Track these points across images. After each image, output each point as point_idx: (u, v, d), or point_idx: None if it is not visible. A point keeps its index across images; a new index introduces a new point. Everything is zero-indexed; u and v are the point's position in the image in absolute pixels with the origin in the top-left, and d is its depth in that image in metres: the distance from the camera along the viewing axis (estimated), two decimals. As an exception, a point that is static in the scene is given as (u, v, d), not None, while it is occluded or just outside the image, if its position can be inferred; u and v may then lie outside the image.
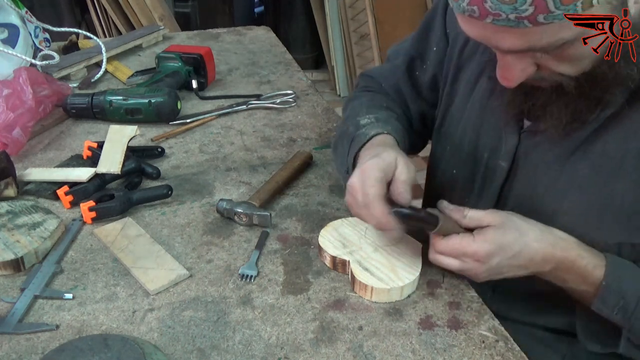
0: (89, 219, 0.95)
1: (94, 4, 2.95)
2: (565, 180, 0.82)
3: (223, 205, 0.97)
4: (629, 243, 0.79)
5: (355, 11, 3.24)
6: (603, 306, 0.78)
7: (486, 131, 0.90)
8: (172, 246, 0.92)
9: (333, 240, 0.89)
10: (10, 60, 1.31)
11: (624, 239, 0.79)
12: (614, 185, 0.78)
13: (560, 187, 0.82)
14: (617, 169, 0.77)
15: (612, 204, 0.78)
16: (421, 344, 0.76)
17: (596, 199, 0.79)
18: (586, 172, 0.80)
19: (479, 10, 0.64)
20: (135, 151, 1.11)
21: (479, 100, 0.91)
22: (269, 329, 0.77)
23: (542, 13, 0.61)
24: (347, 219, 0.94)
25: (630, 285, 0.77)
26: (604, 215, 0.79)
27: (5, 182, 0.99)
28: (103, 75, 1.47)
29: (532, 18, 0.62)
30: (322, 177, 1.10)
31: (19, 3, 1.42)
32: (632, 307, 0.76)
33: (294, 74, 1.55)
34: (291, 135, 1.25)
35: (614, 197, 0.78)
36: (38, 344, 0.74)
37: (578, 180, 0.81)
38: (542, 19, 0.62)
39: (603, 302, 0.77)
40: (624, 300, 0.76)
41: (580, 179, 0.80)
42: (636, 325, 0.77)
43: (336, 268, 0.87)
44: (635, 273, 0.78)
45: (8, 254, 0.85)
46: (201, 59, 1.41)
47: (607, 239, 0.80)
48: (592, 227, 0.80)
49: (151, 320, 0.78)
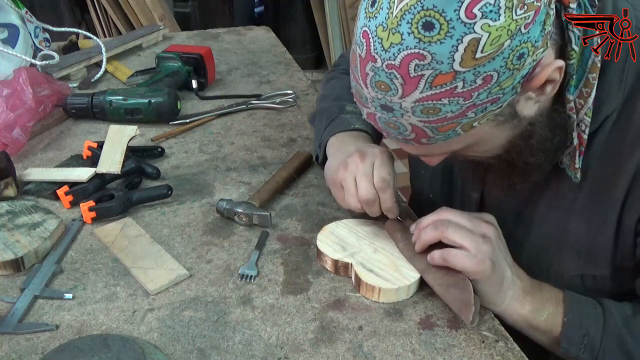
0: (89, 219, 0.95)
1: (94, 4, 2.95)
2: (527, 215, 0.84)
3: (223, 205, 0.97)
4: (590, 275, 0.81)
5: (355, 11, 3.24)
6: (569, 346, 0.75)
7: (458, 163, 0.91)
8: (172, 246, 0.92)
9: (332, 243, 0.88)
10: (10, 60, 1.31)
11: (584, 271, 0.81)
12: (567, 222, 0.80)
13: (525, 221, 0.85)
14: (570, 206, 0.79)
15: (568, 240, 0.80)
16: (421, 344, 0.76)
17: (553, 234, 0.82)
18: (543, 211, 0.82)
19: (375, 125, 0.70)
20: (135, 151, 1.11)
21: None
22: (269, 329, 0.77)
23: (423, 138, 0.67)
24: (342, 221, 0.93)
25: (592, 322, 0.75)
26: (562, 249, 0.81)
27: (5, 182, 0.99)
28: (103, 75, 1.47)
29: (417, 140, 0.68)
30: (322, 177, 1.10)
31: (19, 3, 1.41)
32: (597, 344, 0.74)
33: (294, 74, 1.55)
34: (291, 135, 1.25)
35: (569, 233, 0.80)
36: (38, 344, 0.74)
37: (537, 217, 0.83)
38: (426, 141, 0.67)
39: (569, 340, 0.75)
40: (588, 337, 0.75)
41: (537, 216, 0.83)
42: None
43: (338, 272, 0.86)
44: (594, 308, 0.77)
45: (8, 254, 0.85)
46: (201, 59, 1.41)
47: (569, 271, 0.82)
48: (554, 259, 0.83)
49: (151, 320, 0.78)
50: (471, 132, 0.66)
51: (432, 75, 0.60)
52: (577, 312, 0.76)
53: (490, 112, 0.64)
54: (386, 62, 0.61)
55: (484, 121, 0.64)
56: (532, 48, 0.60)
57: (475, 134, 0.66)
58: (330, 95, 1.07)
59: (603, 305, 0.77)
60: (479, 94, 0.61)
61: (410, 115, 0.63)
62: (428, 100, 0.61)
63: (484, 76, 0.60)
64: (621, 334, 0.74)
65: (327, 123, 1.00)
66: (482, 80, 0.60)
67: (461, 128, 0.64)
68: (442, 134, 0.65)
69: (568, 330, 0.75)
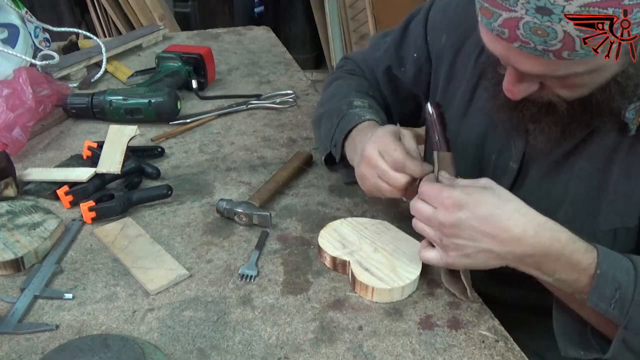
0: (89, 219, 0.95)
1: (94, 4, 2.95)
2: (566, 172, 0.83)
3: (223, 205, 0.97)
4: (623, 228, 0.80)
5: (355, 11, 3.24)
6: (599, 300, 0.70)
7: (493, 135, 0.91)
8: (172, 246, 0.92)
9: (333, 240, 0.89)
10: (10, 60, 1.31)
11: (618, 224, 0.80)
12: (607, 173, 0.79)
13: (563, 179, 0.83)
14: (611, 157, 0.79)
15: (607, 190, 0.80)
16: (421, 344, 0.76)
17: (592, 187, 0.81)
18: (583, 164, 0.81)
19: (509, 33, 0.66)
20: (135, 151, 1.11)
21: (481, 107, 0.92)
22: (269, 329, 0.77)
23: (567, 50, 0.64)
24: (347, 220, 0.94)
25: (624, 275, 0.71)
26: (601, 201, 0.80)
27: (5, 182, 0.99)
28: (103, 75, 1.47)
29: (558, 53, 0.65)
30: (322, 177, 1.10)
31: (19, 3, 1.41)
32: (629, 298, 0.70)
33: (294, 74, 1.55)
34: (291, 135, 1.25)
35: (608, 184, 0.79)
36: (38, 344, 0.74)
37: (577, 172, 0.82)
38: (567, 55, 0.65)
39: (599, 294, 0.70)
40: (620, 291, 0.70)
41: (578, 171, 0.82)
42: (635, 319, 0.70)
43: (336, 269, 0.87)
44: (626, 263, 0.73)
45: (8, 254, 0.85)
46: (201, 59, 1.41)
47: (603, 226, 0.80)
48: (590, 215, 0.81)
49: (151, 320, 0.78)
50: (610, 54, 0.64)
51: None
52: (610, 266, 0.71)
53: None
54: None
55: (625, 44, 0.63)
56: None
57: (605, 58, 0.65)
58: (337, 94, 1.07)
59: (633, 260, 0.73)
60: (638, 10, 0.60)
61: (569, 21, 0.62)
62: (595, 6, 0.60)
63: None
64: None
65: (337, 121, 0.99)
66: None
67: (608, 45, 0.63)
68: (585, 50, 0.64)
69: (600, 283, 0.70)
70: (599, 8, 0.61)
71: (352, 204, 1.02)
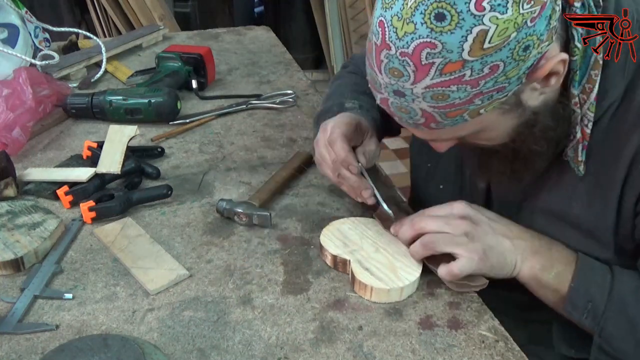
0: (89, 219, 0.95)
1: (94, 4, 2.95)
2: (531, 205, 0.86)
3: (223, 205, 0.97)
4: (594, 257, 0.81)
5: (355, 11, 3.24)
6: (573, 310, 0.78)
7: (467, 164, 0.93)
8: (172, 246, 0.92)
9: (334, 239, 0.89)
10: (10, 60, 1.31)
11: (589, 253, 0.81)
12: (569, 207, 0.82)
13: (528, 210, 0.86)
14: (572, 193, 0.81)
15: (570, 224, 0.82)
16: (421, 344, 0.76)
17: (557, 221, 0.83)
18: (546, 199, 0.84)
19: (387, 109, 0.73)
20: (135, 151, 1.11)
21: None
22: (269, 329, 0.77)
23: (433, 122, 0.69)
24: (350, 219, 0.94)
25: (597, 289, 0.77)
26: (566, 234, 0.82)
27: (5, 182, 0.99)
28: (103, 75, 1.47)
29: (426, 125, 0.70)
30: (322, 177, 1.10)
31: (19, 3, 1.42)
32: (600, 312, 0.76)
33: (294, 74, 1.55)
34: (291, 135, 1.25)
35: (571, 218, 0.82)
36: (38, 344, 0.74)
37: (540, 205, 0.85)
38: (435, 126, 0.70)
39: (572, 305, 0.77)
40: (592, 303, 0.76)
41: (540, 204, 0.84)
42: (607, 329, 0.76)
43: (337, 267, 0.87)
44: (603, 276, 0.78)
45: (8, 254, 0.85)
46: (201, 59, 1.41)
47: None
48: None
49: (151, 320, 0.78)
50: (478, 119, 0.68)
51: (442, 63, 0.63)
52: (585, 279, 0.78)
53: (496, 100, 0.67)
54: (400, 49, 0.64)
55: (490, 109, 0.67)
56: (537, 41, 0.63)
57: (481, 121, 0.69)
58: (334, 93, 1.10)
59: (614, 272, 0.78)
60: (485, 82, 0.64)
61: (421, 100, 0.67)
62: (438, 86, 0.65)
63: (491, 65, 0.63)
64: (626, 302, 0.75)
65: None
66: (489, 69, 0.63)
67: (468, 114, 0.67)
68: (450, 120, 0.68)
69: (573, 295, 0.77)
70: (443, 88, 0.65)
71: (352, 204, 1.02)
